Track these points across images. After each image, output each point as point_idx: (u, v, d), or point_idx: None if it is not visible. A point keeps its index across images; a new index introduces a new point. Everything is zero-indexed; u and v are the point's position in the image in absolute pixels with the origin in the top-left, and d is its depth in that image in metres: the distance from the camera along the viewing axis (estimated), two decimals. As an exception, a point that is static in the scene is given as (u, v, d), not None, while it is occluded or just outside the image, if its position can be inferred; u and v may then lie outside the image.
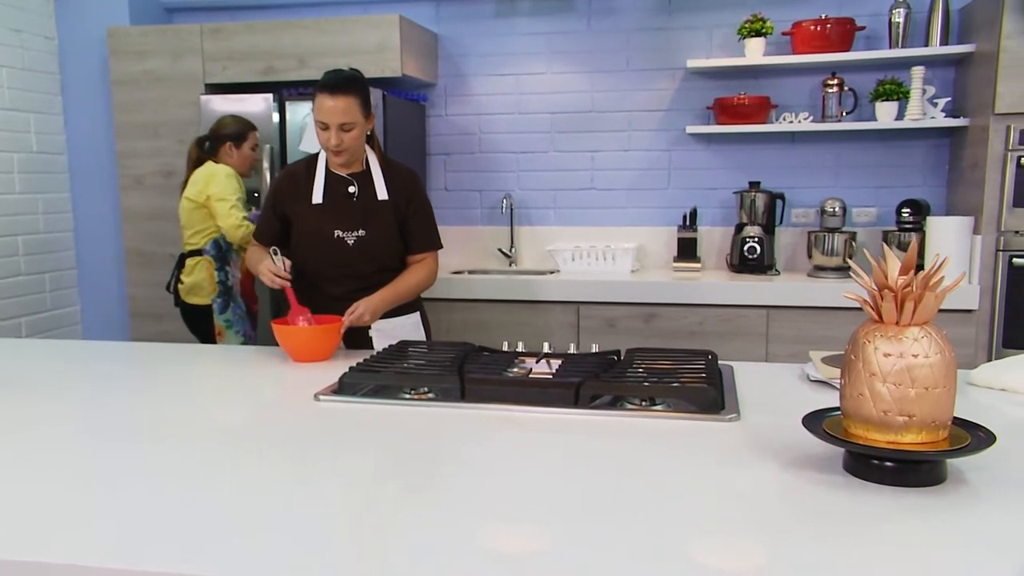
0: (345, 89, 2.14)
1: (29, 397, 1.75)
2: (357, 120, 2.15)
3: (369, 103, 2.20)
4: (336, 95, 2.13)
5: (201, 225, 3.20)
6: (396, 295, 2.22)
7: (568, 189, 3.96)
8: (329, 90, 2.13)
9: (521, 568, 0.93)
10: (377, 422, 1.53)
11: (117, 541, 1.01)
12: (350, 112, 2.14)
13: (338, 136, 2.15)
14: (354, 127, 2.15)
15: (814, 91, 3.61)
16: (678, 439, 1.41)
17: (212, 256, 3.20)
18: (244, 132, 3.27)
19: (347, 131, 2.15)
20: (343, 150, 2.18)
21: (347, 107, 2.13)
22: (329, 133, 2.15)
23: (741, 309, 3.30)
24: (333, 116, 2.13)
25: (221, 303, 3.22)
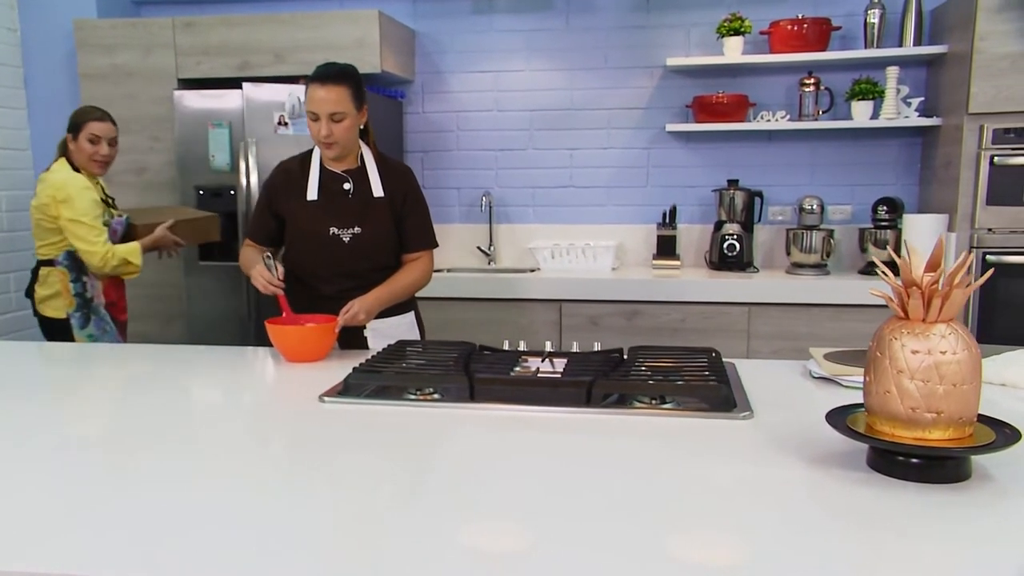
0: (336, 79, 2.11)
1: (21, 402, 1.68)
2: (348, 111, 2.12)
3: (362, 96, 2.16)
4: (327, 84, 2.10)
5: (52, 237, 2.84)
6: (391, 294, 2.18)
7: (547, 187, 3.96)
8: (320, 80, 2.11)
9: (549, 572, 0.92)
10: (385, 423, 1.50)
11: (124, 547, 0.97)
12: (341, 102, 2.11)
13: (328, 127, 2.12)
14: (345, 118, 2.12)
15: (791, 90, 3.65)
16: (695, 437, 1.41)
17: (66, 267, 2.85)
18: (79, 122, 2.84)
19: (337, 122, 2.12)
20: (334, 142, 2.14)
21: (338, 97, 2.10)
22: (320, 124, 2.12)
23: (722, 306, 3.33)
24: (323, 106, 2.10)
25: (80, 317, 2.86)
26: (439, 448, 1.38)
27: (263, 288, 2.11)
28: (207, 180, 3.54)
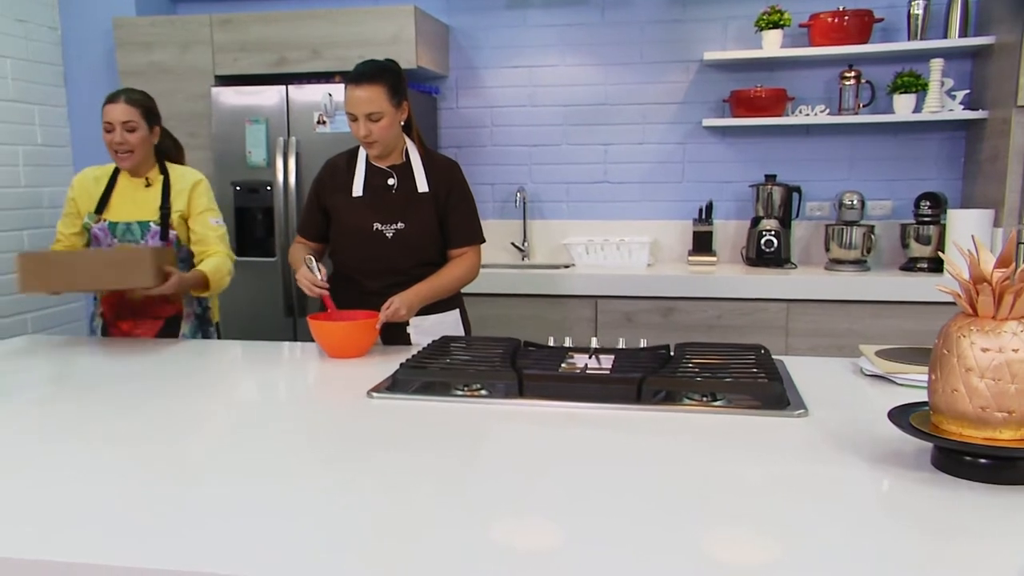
0: (371, 78, 2.10)
1: (69, 396, 1.70)
2: (385, 110, 2.12)
3: (400, 92, 2.16)
4: (362, 84, 2.10)
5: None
6: (432, 290, 2.18)
7: (581, 182, 3.94)
8: (356, 80, 2.11)
9: (601, 570, 0.91)
10: (434, 419, 1.50)
11: (175, 538, 0.98)
12: (376, 101, 2.10)
13: (366, 126, 2.11)
14: (382, 117, 2.12)
15: (830, 83, 3.60)
16: (748, 435, 1.39)
17: None
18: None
19: (375, 121, 2.11)
20: (373, 141, 2.14)
21: (373, 96, 2.10)
22: (358, 124, 2.11)
23: (760, 303, 3.29)
24: (360, 106, 2.10)
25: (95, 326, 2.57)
26: (487, 444, 1.37)
27: (308, 291, 2.14)
28: (244, 176, 3.56)
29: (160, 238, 2.41)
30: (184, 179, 2.46)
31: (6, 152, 3.61)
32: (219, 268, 2.38)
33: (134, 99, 2.40)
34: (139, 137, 2.38)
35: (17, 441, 1.40)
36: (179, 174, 2.48)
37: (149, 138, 2.43)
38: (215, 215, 2.48)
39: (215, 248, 2.43)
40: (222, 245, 2.45)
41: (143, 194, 2.45)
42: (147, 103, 2.44)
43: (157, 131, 2.47)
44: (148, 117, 2.41)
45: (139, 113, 2.38)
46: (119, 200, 2.45)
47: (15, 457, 1.31)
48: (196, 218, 2.44)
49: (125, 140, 2.36)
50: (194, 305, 2.51)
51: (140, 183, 2.46)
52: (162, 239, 2.41)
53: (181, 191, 2.44)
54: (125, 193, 2.46)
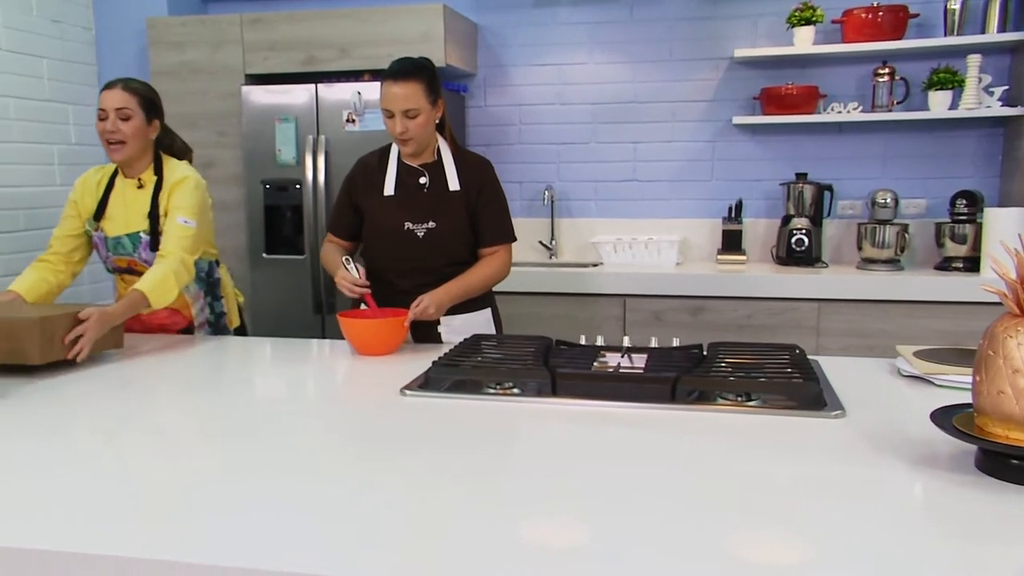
0: (409, 75, 2.10)
1: (104, 394, 1.72)
2: (421, 107, 2.12)
3: (436, 90, 2.16)
4: (399, 81, 2.10)
5: None
6: (463, 289, 2.18)
7: (609, 181, 3.92)
8: (393, 77, 2.11)
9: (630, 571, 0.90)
10: (467, 417, 1.49)
11: (208, 534, 0.98)
12: (414, 98, 2.10)
13: (403, 123, 2.11)
14: (419, 114, 2.12)
15: (863, 80, 3.55)
16: (785, 436, 1.37)
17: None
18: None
19: (412, 118, 2.11)
20: (409, 138, 2.14)
21: (411, 93, 2.10)
22: (394, 121, 2.12)
23: (791, 302, 3.26)
24: (396, 103, 2.10)
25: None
26: (520, 443, 1.37)
27: (348, 292, 2.13)
28: (273, 175, 3.59)
29: (151, 248, 2.25)
30: (171, 178, 2.28)
31: (42, 151, 3.66)
32: (161, 281, 2.13)
33: (132, 87, 2.23)
34: (133, 127, 2.20)
35: (52, 437, 1.42)
36: (171, 173, 2.29)
37: (145, 131, 2.24)
38: (184, 213, 2.23)
39: (167, 249, 2.19)
40: (176, 245, 2.20)
41: (134, 197, 2.29)
42: (147, 93, 2.27)
43: (156, 125, 2.29)
44: (146, 107, 2.24)
45: (136, 101, 2.21)
46: (114, 207, 2.30)
47: (52, 453, 1.33)
48: (168, 216, 2.24)
49: (117, 128, 2.18)
50: (205, 313, 2.41)
51: (133, 184, 2.30)
52: (152, 250, 2.25)
53: (167, 191, 2.27)
54: (119, 198, 2.30)
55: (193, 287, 2.37)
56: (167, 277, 2.14)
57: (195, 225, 2.24)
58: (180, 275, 2.18)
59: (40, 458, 1.29)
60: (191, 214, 2.24)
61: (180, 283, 2.18)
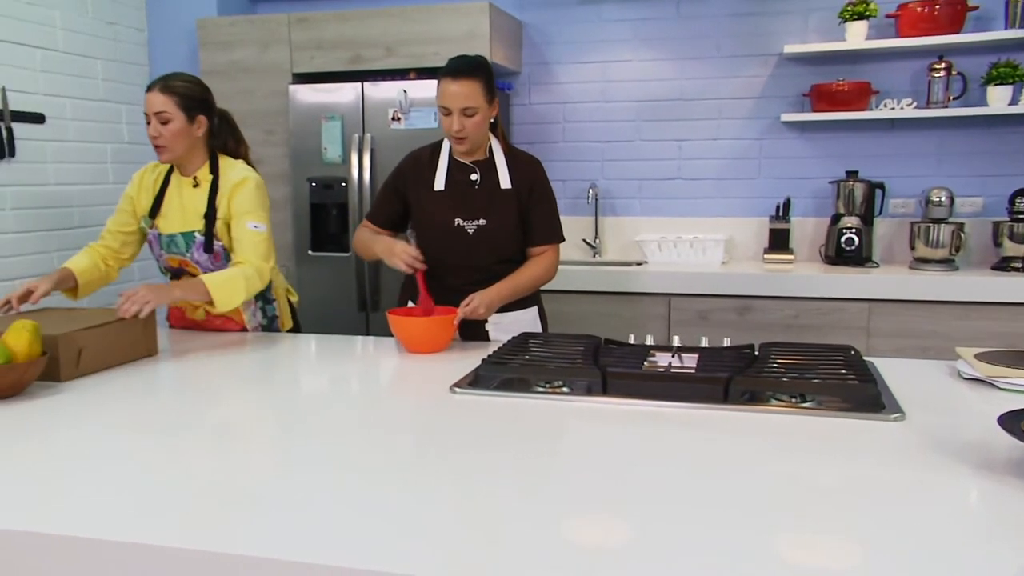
0: (468, 74, 2.09)
1: (156, 392, 1.75)
2: (480, 105, 2.11)
3: (493, 89, 2.15)
4: (459, 79, 2.09)
5: None
6: (512, 289, 2.17)
7: (654, 179, 3.88)
8: (453, 74, 2.10)
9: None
10: (517, 415, 1.49)
11: (263, 527, 0.99)
12: (473, 97, 2.10)
13: (460, 121, 2.11)
14: (476, 112, 2.11)
15: (918, 76, 3.47)
16: (843, 438, 1.34)
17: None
18: None
19: (469, 116, 2.11)
20: (465, 137, 2.14)
21: (469, 92, 2.09)
22: (451, 118, 2.11)
23: (839, 302, 3.20)
24: (455, 101, 2.09)
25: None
26: (570, 441, 1.36)
27: (406, 267, 2.10)
28: (319, 173, 3.63)
29: (204, 250, 2.22)
30: (229, 179, 2.22)
31: (96, 150, 3.74)
32: (229, 281, 2.09)
33: (171, 86, 2.14)
34: (173, 130, 2.14)
35: (112, 433, 1.44)
36: (227, 173, 2.24)
37: (189, 130, 2.17)
38: (253, 218, 2.19)
39: (243, 257, 2.17)
40: (252, 252, 2.17)
41: (190, 196, 2.25)
42: (187, 91, 2.17)
43: (203, 122, 2.21)
44: (187, 106, 2.16)
45: (175, 103, 2.13)
46: (170, 205, 2.28)
47: (112, 448, 1.35)
48: (235, 221, 2.20)
49: (159, 133, 2.13)
50: (258, 317, 2.39)
51: (188, 182, 2.26)
52: (206, 251, 2.22)
53: (225, 193, 2.21)
54: (175, 195, 2.27)
55: None
56: (236, 279, 2.09)
57: (266, 228, 2.21)
58: (252, 282, 2.12)
59: (94, 451, 1.32)
60: (259, 217, 2.20)
61: (251, 291, 2.12)
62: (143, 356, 2.00)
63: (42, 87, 3.44)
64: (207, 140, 2.26)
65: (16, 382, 1.57)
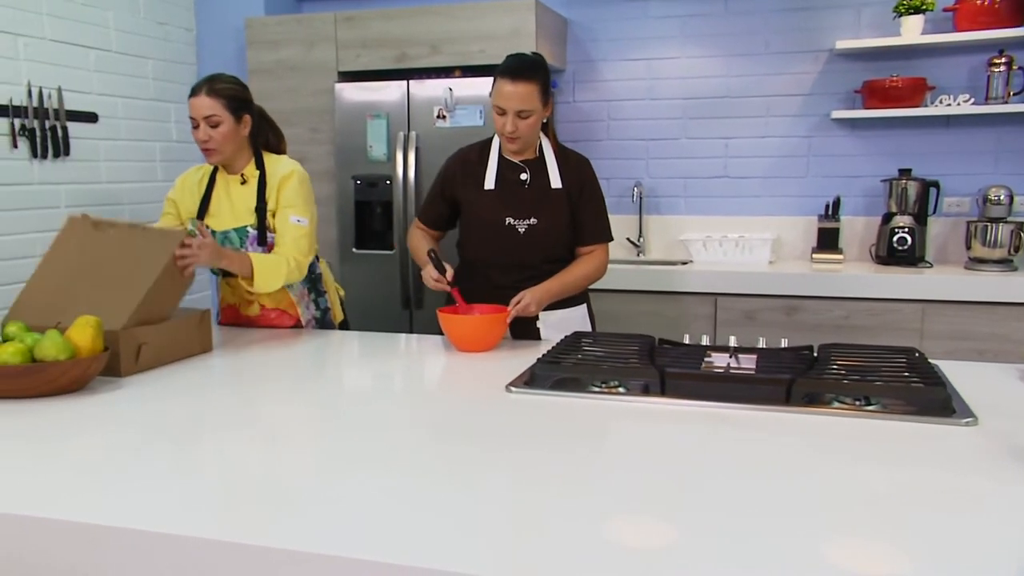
0: (526, 75, 2.07)
1: (213, 389, 1.76)
2: (535, 108, 2.09)
3: (549, 90, 2.13)
4: (517, 81, 2.06)
5: None
6: (563, 287, 2.16)
7: (700, 177, 3.84)
8: (510, 75, 2.07)
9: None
10: (575, 415, 1.47)
11: (313, 523, 0.98)
12: (529, 99, 2.07)
13: (514, 123, 2.09)
14: (531, 115, 2.09)
15: (976, 71, 3.38)
16: (912, 443, 1.30)
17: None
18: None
19: (524, 118, 2.09)
20: (517, 137, 2.12)
21: (526, 94, 2.07)
22: (505, 119, 2.09)
23: (892, 303, 3.13)
24: (511, 102, 2.07)
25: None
26: (628, 442, 1.34)
27: (432, 287, 2.13)
28: (364, 170, 3.64)
29: (259, 243, 2.25)
30: (276, 173, 2.27)
31: (145, 148, 3.80)
32: (273, 265, 2.14)
33: (216, 89, 2.19)
34: (224, 132, 2.19)
35: (168, 429, 1.45)
36: (273, 168, 2.29)
37: (237, 130, 2.22)
38: (297, 212, 2.24)
39: (283, 250, 2.21)
40: (292, 247, 2.21)
41: (239, 193, 2.29)
42: (232, 91, 2.22)
43: (247, 120, 2.26)
44: (234, 107, 2.21)
45: (222, 105, 2.18)
46: (218, 203, 2.31)
47: (168, 444, 1.36)
48: (279, 213, 2.25)
49: (209, 136, 2.18)
50: (312, 310, 2.42)
51: (236, 180, 2.30)
52: (260, 244, 2.25)
53: (273, 187, 2.26)
54: (223, 194, 2.31)
55: (298, 286, 2.38)
56: (279, 265, 2.15)
57: (308, 223, 2.24)
58: (291, 272, 2.18)
59: (151, 446, 1.33)
60: (302, 211, 2.24)
61: (288, 279, 2.18)
62: (199, 352, 2.02)
63: (95, 87, 3.51)
64: (251, 138, 2.30)
65: (79, 376, 1.59)
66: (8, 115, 3.10)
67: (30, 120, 3.17)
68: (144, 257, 1.91)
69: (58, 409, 1.52)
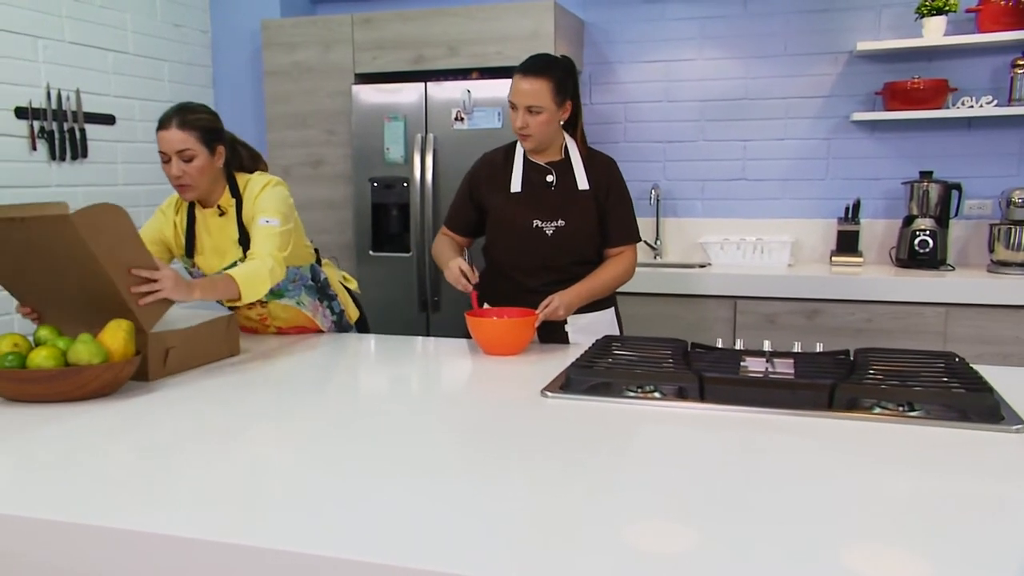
0: (538, 72, 2.08)
1: (241, 394, 1.75)
2: (545, 105, 2.08)
3: (565, 90, 2.12)
4: (528, 76, 2.08)
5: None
6: (591, 291, 2.14)
7: (717, 179, 3.82)
8: (523, 71, 2.09)
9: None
10: (613, 420, 1.45)
11: (343, 526, 0.96)
12: (538, 96, 2.07)
13: (524, 118, 2.09)
14: (542, 112, 2.09)
15: (998, 72, 3.35)
16: (960, 450, 1.28)
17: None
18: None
19: (534, 115, 2.09)
20: (529, 134, 2.11)
21: (536, 90, 2.07)
22: (517, 114, 2.10)
23: (914, 306, 3.10)
24: (521, 98, 2.08)
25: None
26: (669, 447, 1.31)
27: (454, 281, 2.09)
28: (381, 173, 3.63)
29: None
30: (251, 197, 2.14)
31: (161, 150, 3.79)
32: (254, 273, 1.98)
33: (188, 121, 2.03)
34: (198, 166, 2.04)
35: (199, 433, 1.44)
36: (249, 192, 2.15)
37: (211, 163, 2.07)
38: (266, 214, 2.09)
39: (256, 250, 2.06)
40: (263, 246, 2.05)
41: (218, 227, 2.18)
42: (204, 122, 2.07)
43: (221, 151, 2.11)
44: (207, 139, 2.06)
45: (196, 137, 2.03)
46: (201, 242, 2.21)
47: (191, 446, 1.35)
48: (252, 224, 2.12)
49: (183, 172, 2.03)
50: (328, 317, 2.39)
51: (213, 213, 2.17)
52: None
53: (249, 211, 2.13)
54: (203, 231, 2.20)
55: (309, 301, 2.33)
56: (260, 270, 1.99)
57: (278, 223, 2.09)
58: (274, 272, 2.03)
59: (183, 451, 1.31)
60: (271, 213, 2.10)
61: (274, 279, 2.03)
62: (226, 356, 2.00)
63: (113, 89, 3.50)
64: (224, 167, 2.16)
65: (112, 380, 1.57)
66: (28, 117, 3.09)
67: (49, 122, 3.16)
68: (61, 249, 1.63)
69: (91, 413, 1.51)
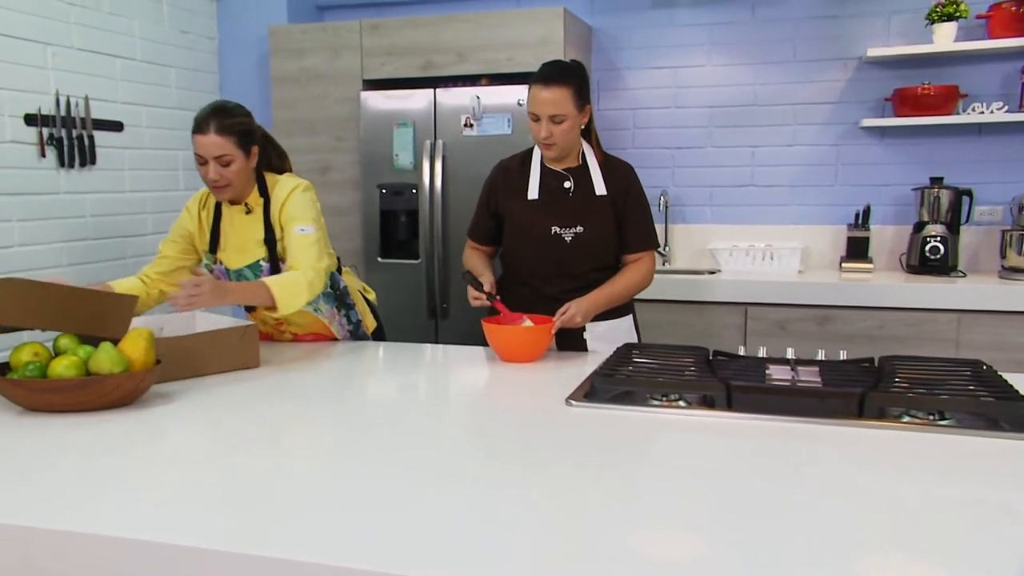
0: (558, 80, 2.06)
1: (260, 402, 1.73)
2: (569, 112, 2.07)
3: (585, 95, 2.11)
4: (549, 86, 2.06)
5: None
6: (609, 298, 2.12)
7: (726, 186, 3.81)
8: (543, 80, 2.07)
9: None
10: (639, 429, 1.44)
11: (359, 532, 0.95)
12: (561, 104, 2.06)
13: (548, 128, 2.08)
14: (565, 119, 2.07)
15: (1009, 78, 3.35)
16: (999, 460, 1.27)
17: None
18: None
19: (558, 123, 2.07)
20: (553, 143, 2.10)
21: (559, 98, 2.05)
22: (540, 125, 2.08)
23: (926, 313, 3.09)
24: (544, 107, 2.06)
25: None
26: (699, 456, 1.30)
27: (474, 304, 2.13)
28: (390, 179, 3.61)
29: (272, 273, 2.14)
30: (279, 197, 2.16)
31: (168, 157, 3.78)
32: (292, 283, 2.00)
33: (226, 126, 2.03)
34: (236, 170, 2.06)
35: (217, 442, 1.42)
36: (277, 193, 2.16)
37: (247, 165, 2.10)
38: (302, 222, 2.11)
39: (294, 263, 2.08)
40: (303, 258, 2.07)
41: (244, 225, 2.19)
42: (241, 126, 2.08)
43: (256, 152, 2.13)
44: (244, 142, 2.07)
45: (233, 142, 2.04)
46: (226, 238, 2.21)
47: (212, 456, 1.33)
48: (285, 231, 2.13)
49: (221, 175, 2.05)
50: (345, 326, 2.37)
51: (240, 210, 2.19)
52: (274, 274, 2.13)
53: (277, 212, 2.15)
54: (228, 228, 2.21)
55: (326, 308, 2.31)
56: (298, 282, 2.01)
57: (313, 230, 2.12)
58: (314, 285, 2.04)
59: (202, 460, 1.30)
60: (305, 221, 2.12)
61: (313, 292, 2.04)
62: (244, 367, 1.97)
63: (121, 95, 3.48)
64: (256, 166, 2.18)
65: (133, 390, 1.56)
66: (37, 124, 3.08)
67: (58, 129, 3.15)
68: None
69: (113, 423, 1.49)
